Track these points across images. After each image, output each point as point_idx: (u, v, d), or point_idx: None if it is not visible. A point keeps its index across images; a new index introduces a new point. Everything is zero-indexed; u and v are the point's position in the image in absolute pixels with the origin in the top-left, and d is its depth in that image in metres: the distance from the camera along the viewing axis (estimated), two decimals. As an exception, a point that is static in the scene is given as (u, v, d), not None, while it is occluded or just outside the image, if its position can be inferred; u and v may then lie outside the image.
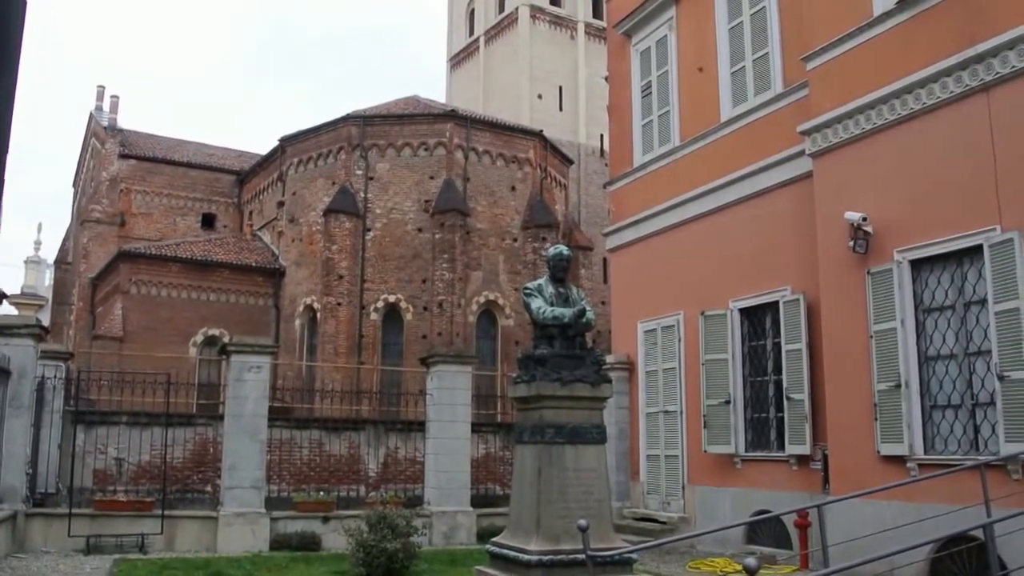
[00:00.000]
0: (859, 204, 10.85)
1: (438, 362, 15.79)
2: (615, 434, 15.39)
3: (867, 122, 11.01)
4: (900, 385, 10.15)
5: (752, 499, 12.83)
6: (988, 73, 9.60)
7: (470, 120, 31.90)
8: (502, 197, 31.52)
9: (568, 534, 7.51)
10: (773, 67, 13.58)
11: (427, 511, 14.69)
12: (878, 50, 10.99)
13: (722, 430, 13.55)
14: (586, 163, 40.88)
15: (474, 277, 30.31)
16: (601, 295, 32.09)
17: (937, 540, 8.14)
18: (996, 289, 9.17)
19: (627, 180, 17.08)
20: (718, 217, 14.37)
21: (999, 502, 8.17)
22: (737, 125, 14.14)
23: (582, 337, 8.44)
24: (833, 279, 11.35)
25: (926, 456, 9.93)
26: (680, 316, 14.95)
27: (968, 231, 9.62)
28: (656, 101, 16.33)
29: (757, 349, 13.50)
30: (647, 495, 15.47)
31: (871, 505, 9.70)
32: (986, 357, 9.40)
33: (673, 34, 16.02)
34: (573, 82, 42.24)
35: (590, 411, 8.27)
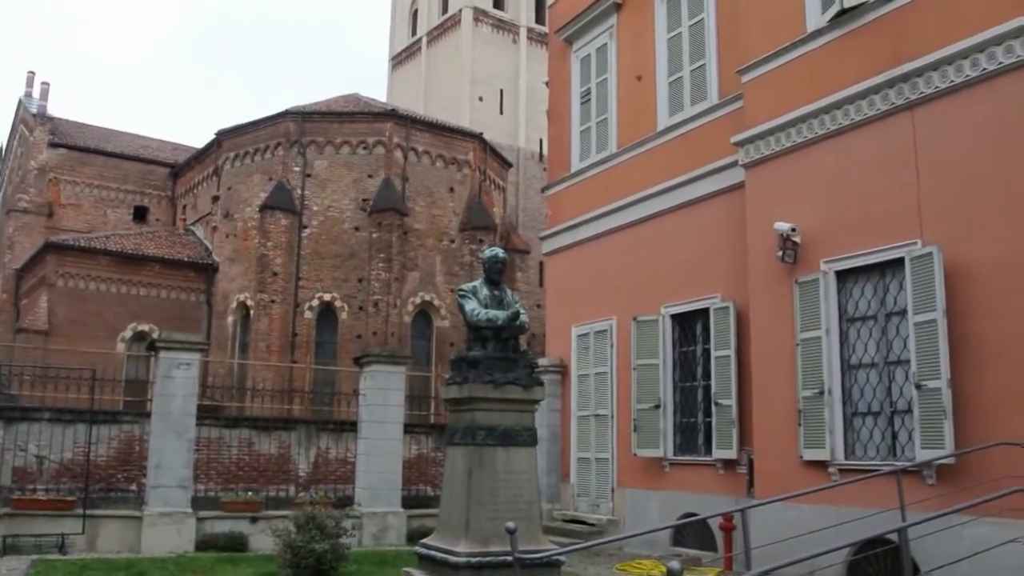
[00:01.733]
0: (789, 215, 11.13)
1: (372, 362, 15.73)
2: (547, 436, 15.54)
3: (798, 135, 11.30)
4: (823, 392, 10.44)
5: (679, 502, 13.06)
6: (913, 92, 9.94)
7: (410, 120, 31.81)
8: (440, 198, 31.49)
9: (497, 536, 7.54)
10: (710, 78, 13.84)
11: (357, 512, 14.62)
12: (810, 66, 11.29)
13: (652, 434, 13.76)
14: (525, 167, 41.04)
15: (411, 277, 30.23)
16: (537, 298, 32.26)
17: (855, 543, 8.36)
18: (916, 301, 9.48)
19: (564, 185, 17.25)
20: (653, 224, 14.60)
21: (914, 506, 8.44)
22: (673, 134, 14.38)
23: (515, 340, 8.50)
24: (762, 288, 11.62)
25: (847, 461, 10.24)
26: (613, 321, 15.15)
27: (891, 244, 9.95)
28: (595, 108, 16.52)
29: (687, 355, 13.75)
30: (577, 497, 15.63)
31: (794, 509, 9.92)
32: (905, 366, 9.72)
33: (613, 42, 16.23)
34: (514, 86, 42.40)
35: (522, 413, 8.34)
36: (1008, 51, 9.03)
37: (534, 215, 38.63)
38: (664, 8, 14.91)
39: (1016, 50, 8.96)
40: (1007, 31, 8.98)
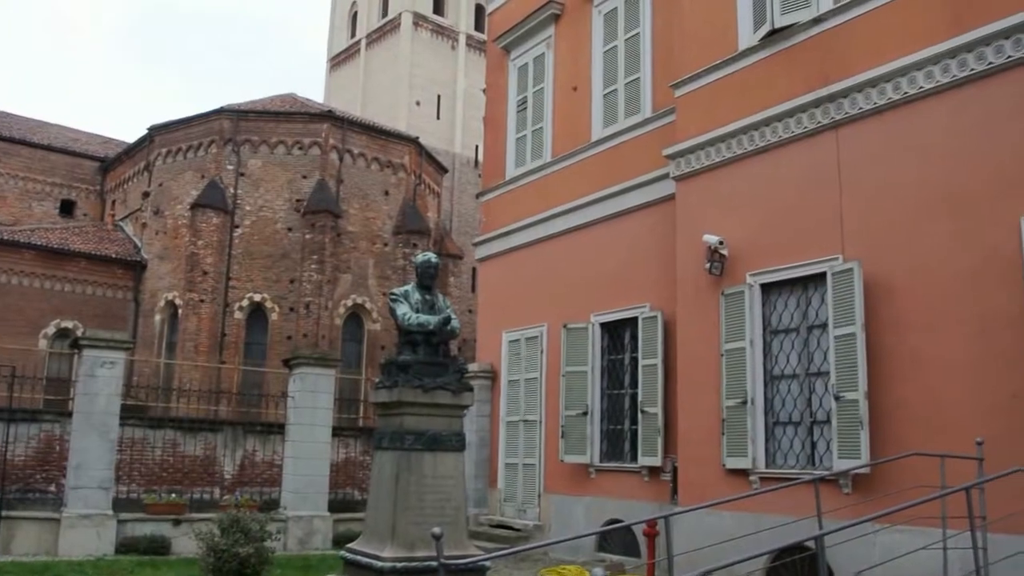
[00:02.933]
0: (717, 228, 11.37)
1: (301, 364, 15.61)
2: (475, 442, 15.59)
3: (728, 150, 11.56)
4: (747, 402, 10.69)
5: (605, 508, 13.22)
6: (838, 112, 10.25)
7: (347, 122, 31.61)
8: (375, 201, 31.35)
9: (423, 541, 7.55)
10: (644, 91, 14.07)
11: (283, 515, 14.49)
12: (741, 83, 11.56)
13: (579, 440, 13.91)
14: (460, 172, 41.09)
15: (343, 280, 30.02)
16: (469, 304, 32.31)
17: (773, 551, 8.57)
18: (836, 315, 9.77)
19: (499, 192, 17.35)
20: (585, 233, 14.78)
21: (831, 514, 8.64)
22: (607, 145, 14.58)
23: (446, 345, 8.54)
24: (690, 298, 11.84)
25: (767, 470, 10.49)
26: (544, 328, 15.28)
27: (814, 259, 10.24)
28: (531, 116, 16.66)
29: (616, 363, 13.94)
30: (504, 502, 15.71)
31: (716, 516, 10.12)
32: (825, 378, 10.01)
33: (551, 52, 16.39)
34: (452, 92, 42.43)
35: (450, 419, 8.36)
36: (928, 76, 9.39)
37: (468, 221, 38.69)
38: (601, 21, 15.13)
39: (935, 76, 9.32)
40: (927, 57, 9.34)
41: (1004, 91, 8.78)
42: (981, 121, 8.93)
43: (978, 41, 8.94)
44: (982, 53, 8.93)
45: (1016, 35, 8.64)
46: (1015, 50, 8.67)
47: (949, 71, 9.20)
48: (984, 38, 8.89)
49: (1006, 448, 7.97)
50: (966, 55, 9.06)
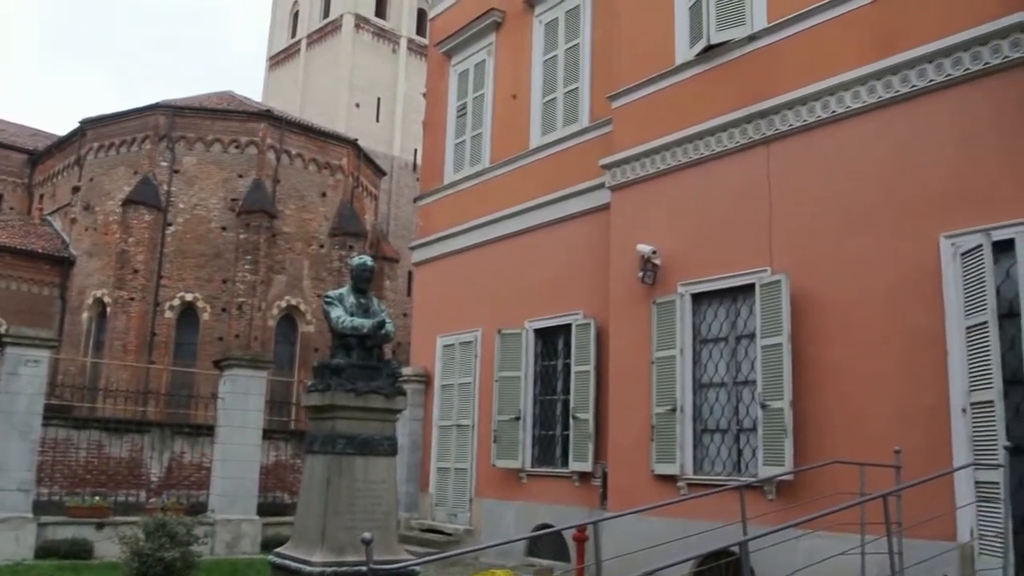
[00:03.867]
0: (650, 238, 11.56)
1: (232, 365, 15.43)
2: (407, 446, 15.57)
3: (662, 162, 11.77)
4: (676, 409, 10.88)
5: (535, 513, 13.32)
6: (769, 128, 10.52)
7: (285, 122, 31.32)
8: (312, 202, 31.09)
9: (353, 545, 7.54)
10: (582, 101, 14.24)
11: (211, 519, 14.30)
12: (677, 96, 11.78)
13: (511, 445, 14.00)
14: (399, 176, 40.97)
15: (277, 281, 29.71)
16: (404, 307, 32.22)
17: (699, 556, 8.73)
18: (764, 325, 10.02)
19: (437, 196, 17.38)
20: (521, 240, 14.89)
21: (756, 520, 8.83)
22: (545, 153, 14.72)
23: (380, 349, 8.55)
24: (622, 306, 12.02)
25: (695, 476, 10.69)
26: (479, 333, 15.35)
27: (743, 271, 10.48)
28: (470, 122, 16.73)
29: (549, 369, 14.07)
30: (435, 507, 15.72)
31: (644, 521, 10.24)
32: (752, 387, 10.25)
33: (491, 59, 16.49)
34: (392, 95, 42.31)
35: (383, 423, 8.37)
36: (855, 96, 9.69)
37: (405, 224, 38.57)
38: (542, 31, 15.27)
39: (862, 96, 9.63)
40: (855, 78, 9.65)
41: (926, 113, 9.11)
42: (904, 141, 9.25)
43: (903, 64, 9.25)
44: (907, 76, 9.25)
45: (938, 60, 8.97)
46: (937, 74, 9.00)
47: (875, 92, 9.52)
48: (909, 62, 9.20)
49: (922, 457, 8.25)
50: (891, 77, 9.37)
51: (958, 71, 8.84)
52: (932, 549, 7.82)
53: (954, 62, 8.86)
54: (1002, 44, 8.48)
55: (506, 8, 16.14)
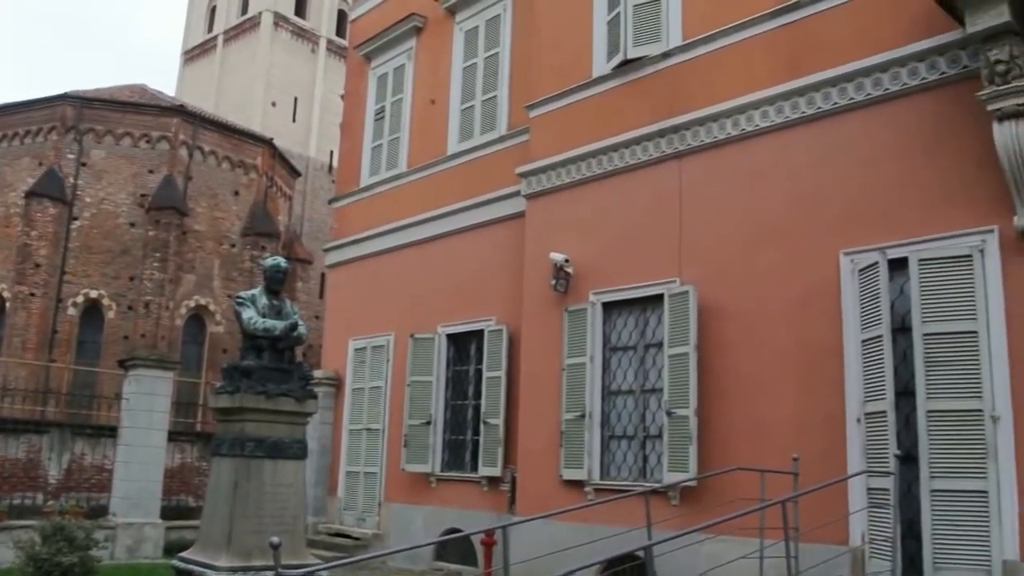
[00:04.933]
0: (563, 246, 11.74)
1: (138, 365, 15.06)
2: (317, 449, 15.44)
3: (577, 172, 11.95)
4: (584, 416, 11.06)
5: (444, 517, 13.36)
6: (681, 143, 10.79)
7: (199, 118, 30.70)
8: (224, 200, 30.55)
9: (260, 550, 7.48)
10: (500, 109, 14.36)
11: (111, 522, 13.92)
12: (593, 108, 11.99)
13: (421, 450, 14.01)
14: (314, 177, 40.52)
15: (186, 280, 29.08)
16: (316, 310, 31.85)
17: (605, 560, 8.89)
18: (671, 335, 10.27)
19: (352, 199, 17.30)
20: (436, 245, 14.93)
21: (660, 525, 8.98)
22: (461, 159, 14.81)
23: (292, 351, 8.50)
24: (534, 313, 12.16)
25: (602, 481, 10.87)
26: (391, 337, 15.33)
27: (653, 281, 10.72)
28: (388, 126, 16.70)
29: (461, 374, 14.13)
30: (343, 511, 15.62)
31: (552, 526, 10.35)
32: (658, 395, 10.48)
33: (411, 64, 16.49)
34: (309, 95, 41.84)
35: (293, 426, 8.33)
36: (763, 115, 10.03)
37: (319, 226, 38.15)
38: (462, 38, 15.36)
39: (770, 115, 9.96)
40: (763, 98, 9.98)
41: (830, 134, 9.48)
42: (808, 161, 9.60)
43: (809, 87, 9.61)
44: (812, 98, 9.61)
45: (842, 84, 9.35)
46: (841, 97, 9.37)
47: (783, 112, 9.86)
48: (815, 84, 9.56)
49: (819, 464, 8.55)
50: (798, 99, 9.72)
51: (860, 96, 9.22)
52: (827, 553, 8.12)
53: (856, 87, 9.25)
54: (901, 72, 8.89)
55: (427, 14, 16.18)
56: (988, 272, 7.97)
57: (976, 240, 8.08)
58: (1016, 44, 7.54)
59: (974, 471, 7.70)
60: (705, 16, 10.86)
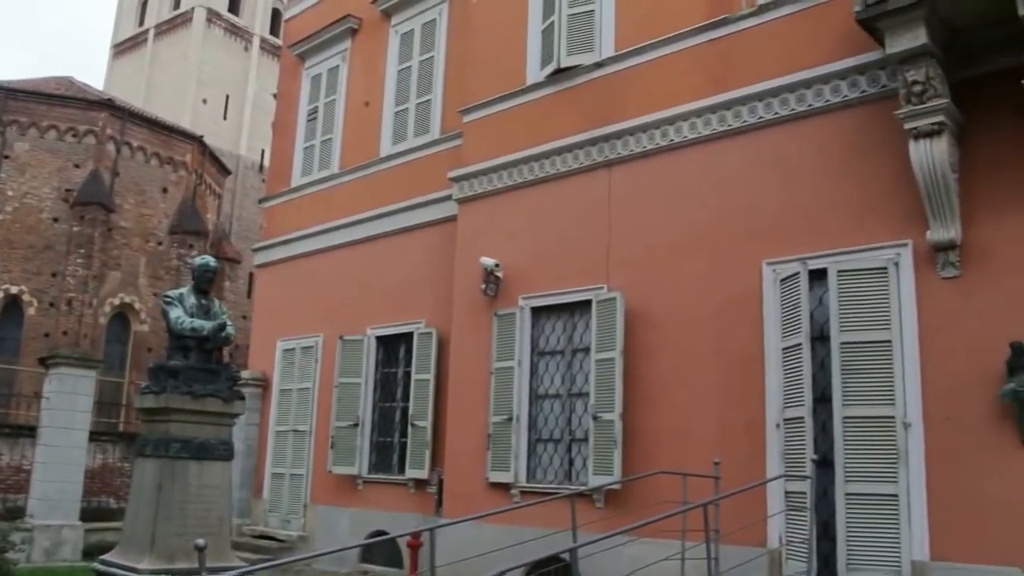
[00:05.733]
0: (494, 251, 11.81)
1: (59, 364, 14.73)
2: (243, 451, 15.26)
3: (509, 178, 12.05)
4: (512, 419, 11.15)
5: (370, 519, 13.32)
6: (612, 152, 10.97)
7: (127, 113, 30.07)
8: (152, 197, 29.98)
9: (184, 552, 7.41)
10: (434, 113, 14.39)
11: (29, 524, 13.59)
12: (526, 115, 12.09)
13: (348, 452, 13.96)
14: (244, 176, 40.01)
15: (111, 277, 28.45)
16: (244, 309, 31.47)
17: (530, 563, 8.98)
18: (599, 340, 10.42)
19: (283, 199, 17.15)
20: (367, 247, 14.89)
21: (585, 527, 9.11)
22: (394, 162, 14.79)
23: (219, 352, 8.44)
24: (464, 317, 12.22)
25: (528, 484, 10.97)
26: (320, 338, 15.23)
27: (581, 287, 10.86)
28: (321, 127, 16.60)
29: (389, 376, 14.12)
30: (269, 513, 15.46)
31: (478, 528, 10.40)
32: (585, 399, 10.62)
33: (345, 65, 16.43)
34: (241, 93, 41.30)
35: (219, 427, 8.26)
36: (692, 127, 10.25)
37: (249, 225, 37.67)
38: (397, 41, 15.36)
39: (698, 127, 10.19)
40: (691, 110, 10.21)
41: (755, 148, 9.74)
42: (734, 173, 9.85)
43: (736, 101, 9.87)
44: (739, 112, 9.87)
45: (768, 99, 9.61)
46: (766, 112, 9.65)
47: (710, 125, 10.10)
48: (742, 98, 9.82)
49: (740, 468, 8.78)
50: (725, 112, 9.97)
51: (785, 111, 9.51)
52: (746, 555, 8.35)
53: (781, 102, 9.53)
54: (824, 89, 9.19)
55: (363, 16, 16.14)
56: (902, 284, 8.29)
57: (891, 253, 8.41)
58: (932, 66, 7.85)
59: (886, 475, 8.00)
60: (637, 28, 11.07)
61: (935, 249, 8.14)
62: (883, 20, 7.91)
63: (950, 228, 8.02)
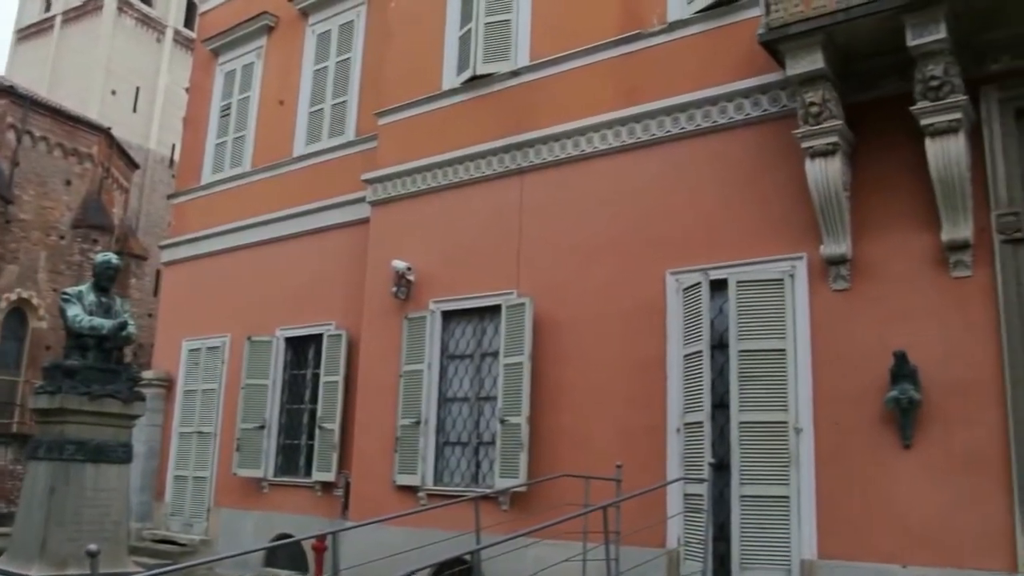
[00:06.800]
0: (406, 254, 11.84)
1: (-51, 361, 14.21)
2: (144, 453, 14.96)
3: (423, 182, 12.11)
4: (420, 422, 11.21)
5: (275, 523, 13.19)
6: (524, 160, 11.12)
7: (30, 100, 29.03)
8: (54, 189, 29.02)
9: (76, 558, 7.25)
10: (349, 115, 14.34)
11: (-91, 528, 13.06)
12: (441, 120, 12.16)
13: (254, 454, 13.80)
14: (153, 170, 39.07)
15: (8, 271, 27.44)
16: (150, 307, 30.67)
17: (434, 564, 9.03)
18: (507, 345, 10.56)
19: (192, 196, 16.86)
20: (278, 247, 14.75)
21: (490, 529, 9.20)
22: (308, 162, 14.68)
23: (120, 351, 8.29)
24: (375, 320, 12.22)
25: (435, 487, 11.03)
26: (227, 338, 15.01)
27: (492, 292, 10.99)
28: (234, 123, 16.37)
29: (298, 378, 14.01)
30: (170, 517, 15.15)
31: (384, 531, 10.40)
32: (493, 403, 10.75)
33: (260, 63, 16.24)
34: (152, 86, 40.33)
35: (118, 428, 8.12)
36: (602, 139, 10.47)
37: (157, 221, 36.80)
38: (314, 40, 15.26)
39: (608, 139, 10.42)
40: (602, 121, 10.43)
41: (661, 161, 10.01)
42: (641, 184, 10.10)
43: (646, 114, 10.12)
44: (648, 125, 10.12)
45: (676, 113, 9.89)
46: (674, 126, 9.92)
47: (620, 137, 10.33)
48: (651, 112, 10.08)
49: (642, 472, 9.01)
50: (635, 125, 10.21)
51: (691, 126, 9.80)
52: (646, 555, 8.59)
53: (688, 117, 9.81)
54: (728, 106, 9.52)
55: (280, 14, 15.98)
56: (797, 295, 8.66)
57: (787, 266, 8.76)
58: (828, 89, 8.22)
59: (778, 478, 8.33)
60: (553, 39, 11.25)
61: (828, 263, 8.52)
62: (784, 43, 8.23)
63: (841, 243, 8.41)
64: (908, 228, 8.21)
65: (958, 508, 7.60)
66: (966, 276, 7.91)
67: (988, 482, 7.52)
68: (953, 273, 7.96)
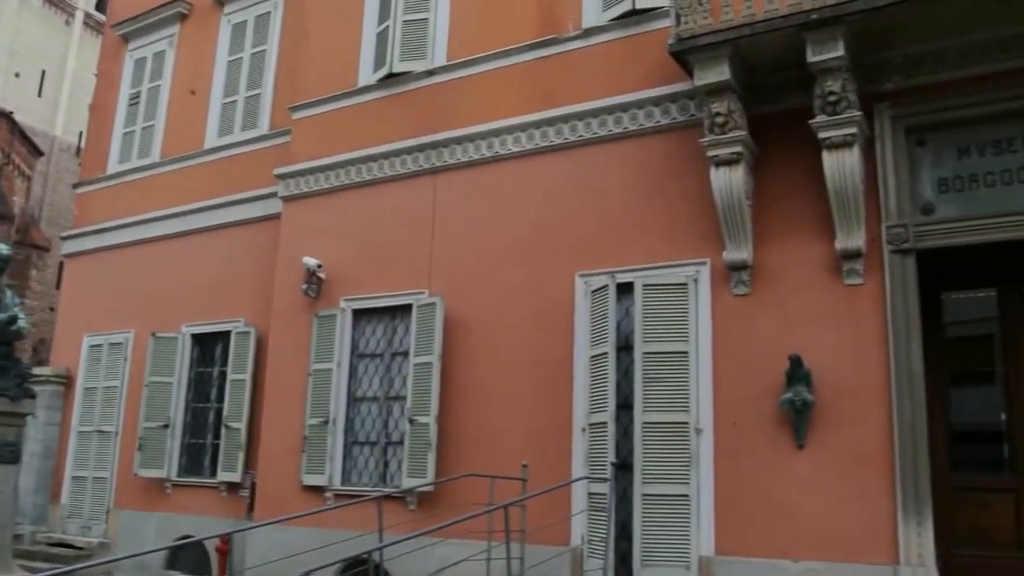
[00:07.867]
0: (317, 251, 11.74)
1: None
2: (40, 452, 14.54)
3: (336, 179, 12.02)
4: (328, 421, 11.13)
5: (178, 524, 12.89)
6: (439, 160, 11.14)
7: (-76, 82, 27.93)
8: (-51, 176, 27.95)
9: (-44, 563, 7.04)
10: (263, 108, 14.12)
11: None
12: (356, 117, 12.08)
13: (157, 454, 13.48)
14: (58, 158, 37.74)
15: None
16: (52, 300, 29.66)
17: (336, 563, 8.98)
18: (418, 344, 10.57)
19: (98, 185, 16.38)
20: (185, 241, 14.43)
21: (397, 528, 9.10)
22: (219, 155, 14.41)
23: (10, 346, 8.02)
24: (284, 317, 12.08)
25: (342, 487, 10.96)
26: (131, 334, 14.63)
27: (403, 291, 10.99)
28: (143, 112, 15.96)
29: (204, 376, 13.76)
30: (67, 519, 14.68)
31: (289, 532, 10.29)
32: (402, 402, 10.74)
33: (172, 51, 15.89)
34: (60, 70, 38.94)
35: (6, 427, 7.87)
36: (516, 141, 10.57)
37: (62, 211, 35.53)
38: (229, 31, 14.99)
39: (522, 141, 10.52)
40: (516, 124, 10.53)
41: (572, 165, 10.15)
42: (552, 187, 10.23)
43: (559, 118, 10.24)
44: (560, 129, 10.25)
45: (588, 118, 10.05)
46: (586, 131, 10.07)
47: (533, 139, 10.44)
48: (564, 116, 10.20)
49: (548, 471, 9.12)
50: (548, 128, 10.33)
51: (603, 131, 9.96)
52: (550, 553, 8.75)
53: (600, 123, 9.97)
54: (638, 113, 9.71)
55: (194, 1, 15.66)
56: (700, 300, 8.90)
57: (691, 270, 8.99)
58: (733, 100, 8.47)
59: (679, 477, 8.56)
60: (470, 40, 11.30)
61: (730, 268, 8.78)
62: (692, 54, 8.46)
63: (743, 249, 8.68)
64: (805, 236, 8.53)
65: (846, 505, 7.94)
66: (858, 284, 8.25)
67: (874, 479, 7.88)
68: (846, 281, 8.30)
